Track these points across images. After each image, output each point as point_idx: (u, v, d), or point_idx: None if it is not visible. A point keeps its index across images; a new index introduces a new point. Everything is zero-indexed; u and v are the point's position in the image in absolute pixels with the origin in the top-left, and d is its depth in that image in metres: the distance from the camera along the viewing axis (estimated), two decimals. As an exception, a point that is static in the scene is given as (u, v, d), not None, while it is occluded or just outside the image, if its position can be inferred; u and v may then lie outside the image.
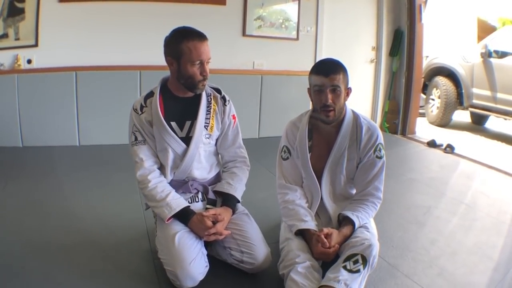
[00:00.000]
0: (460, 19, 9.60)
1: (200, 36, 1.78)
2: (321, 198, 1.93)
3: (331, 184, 1.94)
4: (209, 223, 1.77)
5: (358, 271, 1.59)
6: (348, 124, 1.89)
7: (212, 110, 1.93)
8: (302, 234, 1.80)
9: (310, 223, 1.81)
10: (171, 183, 1.91)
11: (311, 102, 1.92)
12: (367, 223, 1.84)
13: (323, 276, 1.64)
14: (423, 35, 5.17)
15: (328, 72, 1.78)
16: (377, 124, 2.38)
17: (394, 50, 5.29)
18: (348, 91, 1.86)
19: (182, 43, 1.76)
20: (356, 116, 1.92)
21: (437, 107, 6.14)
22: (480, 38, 7.14)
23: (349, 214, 1.80)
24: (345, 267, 1.60)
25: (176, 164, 1.90)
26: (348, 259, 1.63)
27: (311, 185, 1.95)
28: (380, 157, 1.89)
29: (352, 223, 1.78)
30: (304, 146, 1.92)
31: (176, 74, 1.83)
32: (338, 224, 1.85)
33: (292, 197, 1.93)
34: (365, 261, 1.61)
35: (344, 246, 1.73)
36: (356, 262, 1.61)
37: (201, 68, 1.79)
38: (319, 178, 1.92)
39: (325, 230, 1.74)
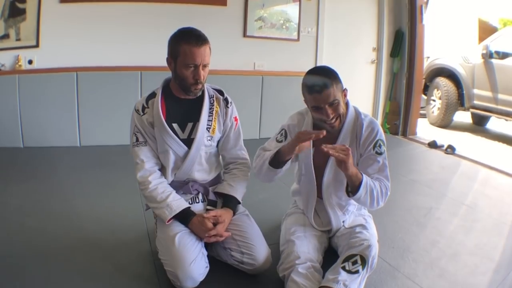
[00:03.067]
0: (461, 20, 9.59)
1: (198, 40, 1.75)
2: (322, 198, 1.93)
3: (333, 183, 1.93)
4: (210, 224, 1.77)
5: (357, 271, 1.59)
6: (350, 121, 1.87)
7: (214, 112, 1.93)
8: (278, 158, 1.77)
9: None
10: (172, 184, 1.91)
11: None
12: (366, 213, 1.80)
13: (323, 277, 1.64)
14: (424, 36, 5.18)
15: (320, 90, 1.71)
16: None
17: (395, 51, 5.29)
18: (344, 93, 1.82)
19: (180, 44, 1.75)
20: (357, 114, 1.90)
21: (438, 108, 6.14)
22: (481, 39, 7.14)
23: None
24: (344, 268, 1.60)
25: (177, 165, 1.90)
26: (347, 259, 1.63)
27: (309, 182, 1.93)
28: (381, 153, 1.84)
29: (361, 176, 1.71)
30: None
31: (173, 74, 1.84)
32: (347, 192, 1.78)
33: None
34: (364, 261, 1.61)
35: (343, 246, 1.73)
36: (355, 262, 1.61)
37: (195, 72, 1.78)
38: (321, 176, 1.91)
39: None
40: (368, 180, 1.73)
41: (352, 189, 1.72)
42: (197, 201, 1.96)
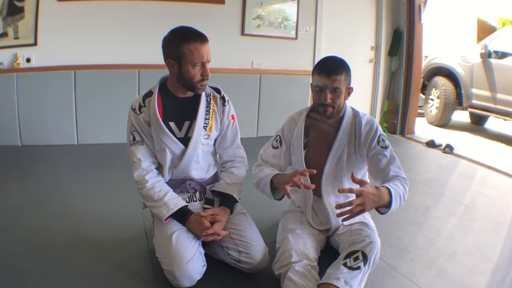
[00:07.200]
0: (459, 19, 9.60)
1: (201, 38, 1.76)
2: (321, 196, 1.92)
3: (332, 182, 1.93)
4: (207, 223, 1.76)
5: (358, 268, 1.59)
6: (348, 121, 1.89)
7: (211, 111, 1.92)
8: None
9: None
10: (169, 183, 1.91)
11: (311, 99, 1.92)
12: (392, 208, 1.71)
13: (323, 273, 1.63)
14: (422, 35, 5.17)
15: (330, 72, 1.78)
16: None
17: (393, 50, 5.29)
18: (349, 90, 1.86)
19: (183, 45, 1.74)
20: (355, 113, 1.92)
21: (436, 107, 6.14)
22: (480, 38, 7.14)
23: (385, 185, 1.71)
24: (345, 264, 1.60)
25: (174, 164, 1.90)
26: (348, 256, 1.63)
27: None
28: (386, 147, 1.85)
29: (388, 190, 1.67)
30: (299, 143, 1.92)
31: (177, 76, 1.82)
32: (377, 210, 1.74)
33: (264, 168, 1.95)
34: (365, 258, 1.61)
35: (344, 244, 1.73)
36: (356, 259, 1.61)
37: (202, 69, 1.78)
38: (320, 176, 1.90)
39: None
40: (393, 189, 1.67)
41: (383, 207, 1.67)
42: (195, 199, 1.95)
